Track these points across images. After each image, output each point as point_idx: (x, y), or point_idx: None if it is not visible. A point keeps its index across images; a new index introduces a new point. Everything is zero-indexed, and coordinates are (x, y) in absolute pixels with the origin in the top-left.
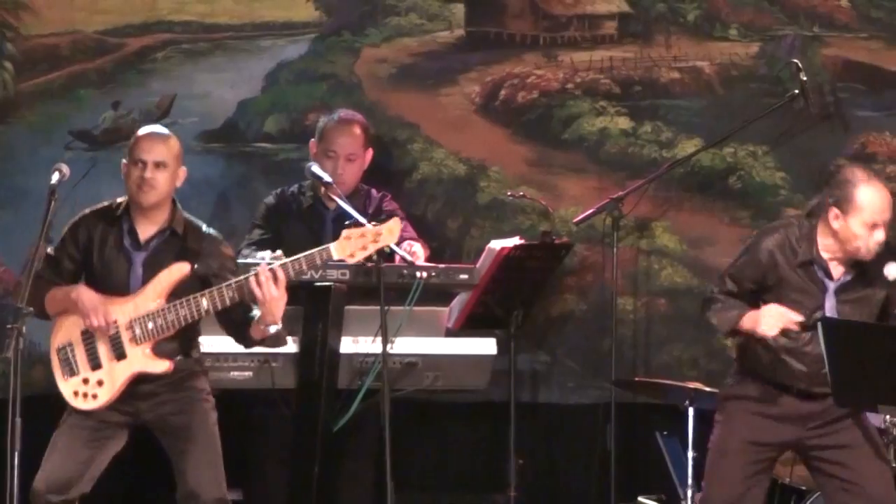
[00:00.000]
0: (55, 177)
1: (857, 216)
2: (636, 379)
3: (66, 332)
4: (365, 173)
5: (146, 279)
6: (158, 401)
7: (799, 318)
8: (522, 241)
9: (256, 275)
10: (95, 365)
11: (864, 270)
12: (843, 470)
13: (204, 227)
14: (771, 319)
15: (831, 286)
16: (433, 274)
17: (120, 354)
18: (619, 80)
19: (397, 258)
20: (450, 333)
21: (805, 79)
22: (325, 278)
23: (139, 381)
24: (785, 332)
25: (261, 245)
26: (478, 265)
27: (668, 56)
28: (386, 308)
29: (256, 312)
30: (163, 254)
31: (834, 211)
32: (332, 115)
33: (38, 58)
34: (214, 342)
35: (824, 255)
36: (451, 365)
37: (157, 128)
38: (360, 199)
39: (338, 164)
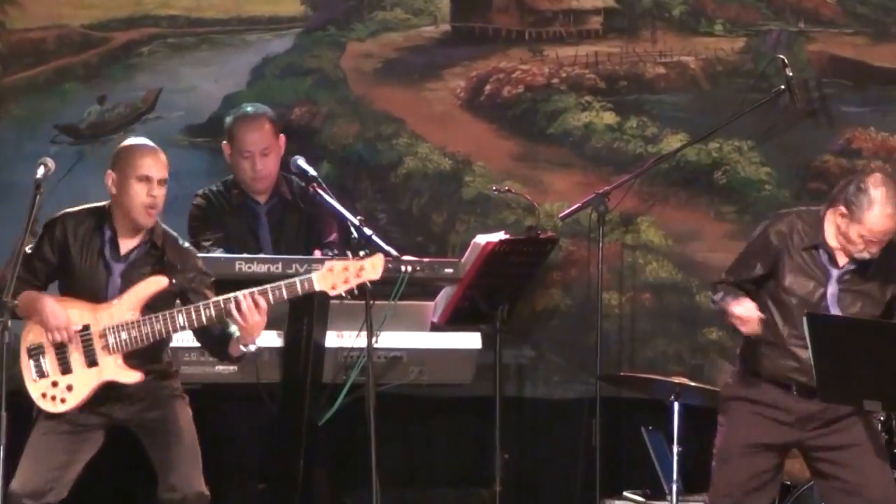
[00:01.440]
0: (40, 171)
1: (859, 228)
2: (621, 374)
3: (38, 333)
4: (282, 158)
5: (123, 289)
6: (133, 402)
7: (758, 314)
8: (508, 236)
9: (237, 301)
10: (66, 369)
11: (869, 263)
12: (843, 470)
13: (181, 241)
14: (739, 321)
15: (835, 273)
16: (418, 268)
17: (92, 361)
18: (605, 75)
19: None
20: (435, 328)
21: (791, 74)
22: (310, 272)
23: (112, 386)
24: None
25: (218, 243)
26: (463, 260)
27: (653, 51)
28: (371, 302)
29: (234, 329)
30: (142, 265)
31: (841, 209)
32: (237, 112)
33: (24, 52)
34: None
35: (830, 243)
36: (435, 359)
37: (148, 140)
38: (286, 186)
39: (255, 162)
